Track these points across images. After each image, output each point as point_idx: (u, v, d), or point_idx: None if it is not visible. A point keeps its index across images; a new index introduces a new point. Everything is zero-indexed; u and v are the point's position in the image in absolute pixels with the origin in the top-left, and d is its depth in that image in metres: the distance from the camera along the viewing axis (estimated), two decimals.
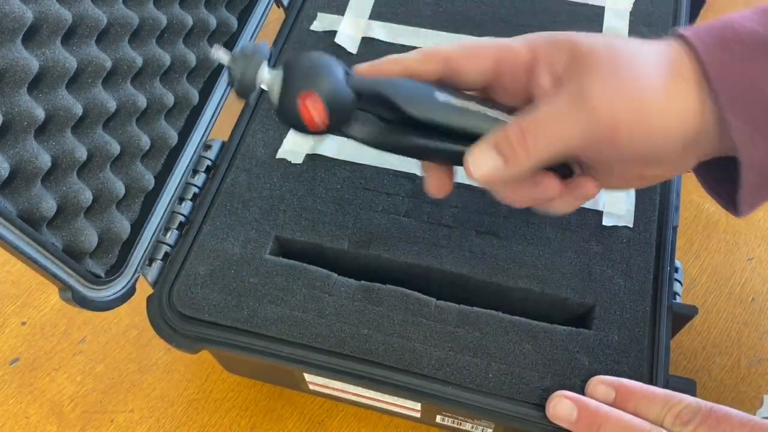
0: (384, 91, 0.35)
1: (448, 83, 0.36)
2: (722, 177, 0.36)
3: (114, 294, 0.43)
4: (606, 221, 0.45)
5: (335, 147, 0.50)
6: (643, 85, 0.32)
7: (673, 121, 0.32)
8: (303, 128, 0.34)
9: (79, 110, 0.41)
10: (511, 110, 0.36)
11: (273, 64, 0.37)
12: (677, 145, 0.33)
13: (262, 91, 0.53)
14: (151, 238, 0.46)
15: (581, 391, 0.40)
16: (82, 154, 0.41)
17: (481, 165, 0.34)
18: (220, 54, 0.35)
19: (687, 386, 0.40)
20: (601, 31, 0.54)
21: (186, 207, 0.48)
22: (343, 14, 0.57)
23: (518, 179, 0.35)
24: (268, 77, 0.35)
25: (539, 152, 0.33)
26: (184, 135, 0.50)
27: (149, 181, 0.47)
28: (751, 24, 0.32)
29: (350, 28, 0.56)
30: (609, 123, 0.32)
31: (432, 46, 0.37)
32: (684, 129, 0.32)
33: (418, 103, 0.35)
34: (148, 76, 0.47)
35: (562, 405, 0.38)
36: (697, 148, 0.34)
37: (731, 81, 0.32)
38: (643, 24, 0.54)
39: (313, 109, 0.33)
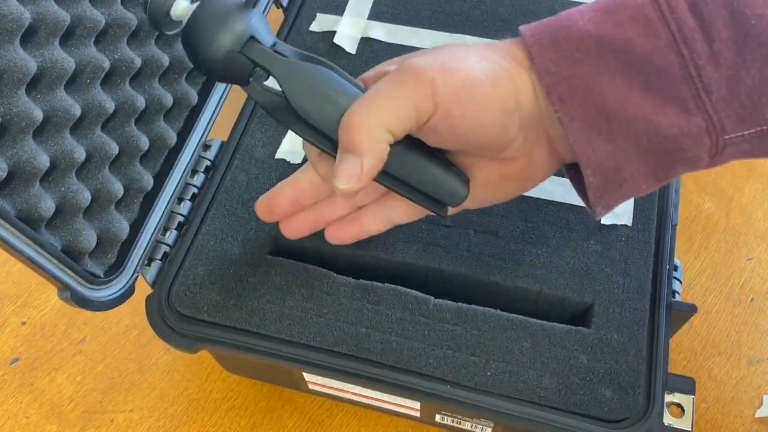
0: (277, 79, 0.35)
1: None
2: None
3: (113, 294, 0.43)
4: (605, 220, 0.45)
5: None
6: (465, 64, 0.32)
7: (497, 103, 0.32)
8: (206, 48, 0.34)
9: (77, 111, 0.41)
10: None
11: None
12: (510, 131, 0.33)
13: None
14: (150, 238, 0.46)
15: (582, 390, 0.40)
16: (80, 154, 0.41)
17: (341, 176, 0.33)
18: None
19: (686, 385, 0.40)
20: None
21: (185, 207, 0.48)
22: (342, 14, 0.57)
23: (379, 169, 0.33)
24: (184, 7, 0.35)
25: (376, 131, 0.32)
26: (183, 135, 0.50)
27: (148, 181, 0.47)
28: (583, 22, 0.32)
29: (349, 29, 0.56)
30: (432, 84, 0.32)
31: None
32: (512, 115, 0.33)
33: (311, 111, 0.35)
34: (146, 77, 0.47)
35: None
36: (546, 146, 0.35)
37: (561, 80, 0.32)
38: None
39: None
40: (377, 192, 0.40)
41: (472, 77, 0.32)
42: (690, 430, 0.39)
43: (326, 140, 0.35)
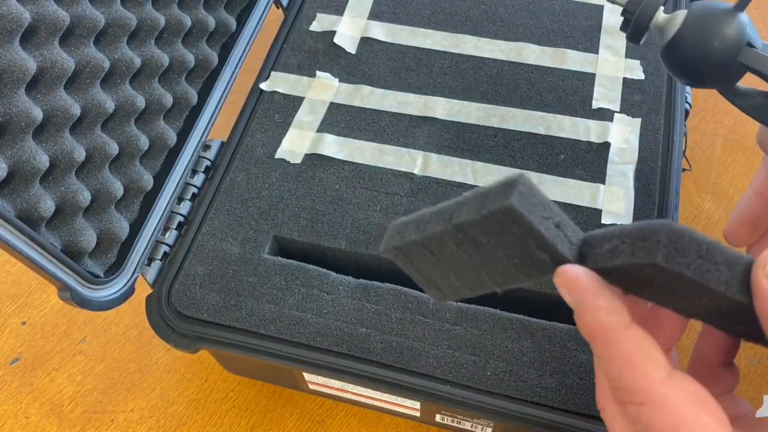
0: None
1: None
2: None
3: (113, 294, 0.43)
4: (605, 219, 0.45)
5: (334, 147, 0.50)
6: None
7: None
8: (699, 57, 0.35)
9: (77, 111, 0.41)
10: None
11: None
12: None
13: (260, 91, 0.52)
14: (150, 238, 0.46)
15: (582, 390, 0.40)
16: (80, 154, 0.41)
17: None
18: None
19: None
20: (599, 29, 0.54)
21: (185, 207, 0.48)
22: (342, 14, 0.57)
23: None
24: (666, 17, 0.37)
25: None
26: (183, 135, 0.50)
27: (148, 181, 0.47)
28: None
29: (349, 28, 0.56)
30: None
31: None
32: None
33: None
34: (146, 77, 0.47)
35: None
36: None
37: None
38: None
39: None
40: None
41: None
42: None
43: None
